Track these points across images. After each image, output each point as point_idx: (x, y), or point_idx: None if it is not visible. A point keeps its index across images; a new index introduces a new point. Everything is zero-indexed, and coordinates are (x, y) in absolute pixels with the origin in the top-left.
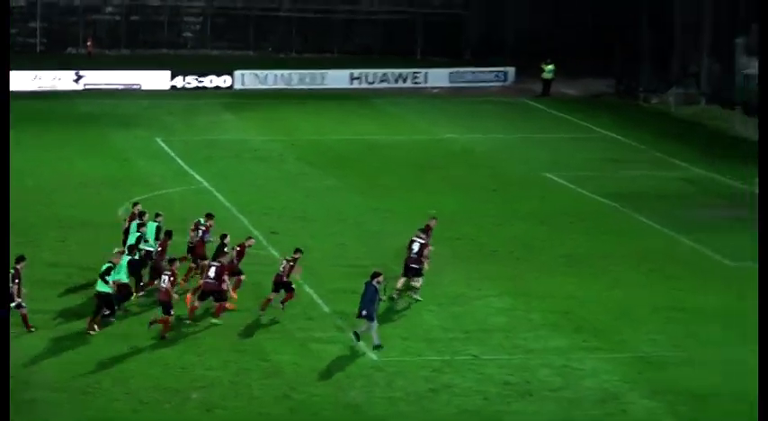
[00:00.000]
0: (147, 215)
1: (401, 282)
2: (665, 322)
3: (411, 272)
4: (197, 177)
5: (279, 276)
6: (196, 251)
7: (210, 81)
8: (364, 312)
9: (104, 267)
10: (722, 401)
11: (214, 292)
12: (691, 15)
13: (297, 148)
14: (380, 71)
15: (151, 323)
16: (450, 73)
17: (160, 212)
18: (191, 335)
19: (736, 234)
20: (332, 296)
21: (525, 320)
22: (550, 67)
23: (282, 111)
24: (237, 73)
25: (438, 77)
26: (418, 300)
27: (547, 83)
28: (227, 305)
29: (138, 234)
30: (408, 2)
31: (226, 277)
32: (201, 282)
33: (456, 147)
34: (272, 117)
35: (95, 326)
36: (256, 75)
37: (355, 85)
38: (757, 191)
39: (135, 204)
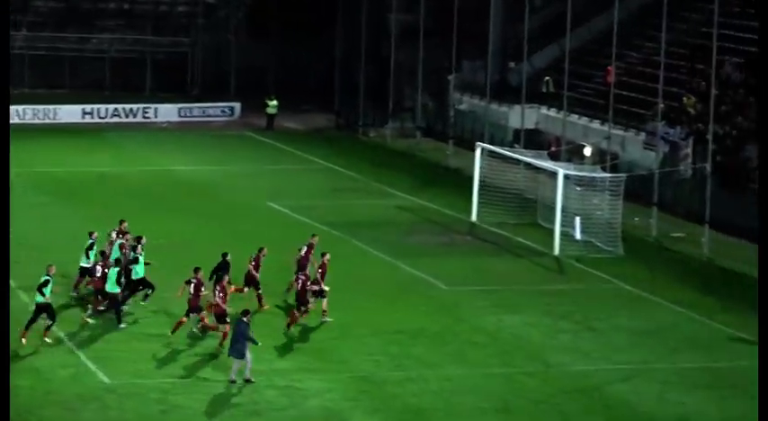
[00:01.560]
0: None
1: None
2: (386, 343)
3: (318, 294)
4: None
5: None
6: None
7: None
8: (237, 347)
9: (42, 279)
10: (437, 416)
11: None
12: (405, 54)
13: (31, 180)
14: (111, 106)
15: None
16: (180, 108)
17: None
18: None
19: (449, 259)
20: (65, 322)
21: (250, 344)
22: (274, 102)
23: (16, 145)
24: None
25: (167, 112)
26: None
27: (271, 117)
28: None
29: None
30: (136, 40)
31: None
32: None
33: (185, 177)
34: None
35: (24, 339)
36: None
37: (87, 119)
38: (470, 219)
39: (122, 222)
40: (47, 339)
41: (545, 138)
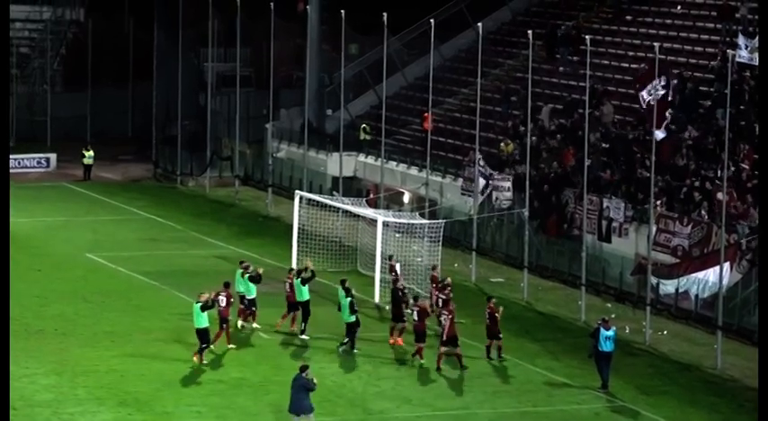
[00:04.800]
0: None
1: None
2: (207, 394)
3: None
4: None
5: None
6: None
7: None
8: (299, 405)
9: (200, 305)
10: None
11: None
12: (223, 102)
13: None
14: None
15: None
16: None
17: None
18: None
19: (270, 308)
20: None
21: (71, 396)
22: (90, 152)
23: None
24: None
25: None
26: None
27: (87, 168)
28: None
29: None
30: None
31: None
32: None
33: None
34: None
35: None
36: None
37: None
38: (290, 267)
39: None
40: (196, 359)
41: (363, 185)
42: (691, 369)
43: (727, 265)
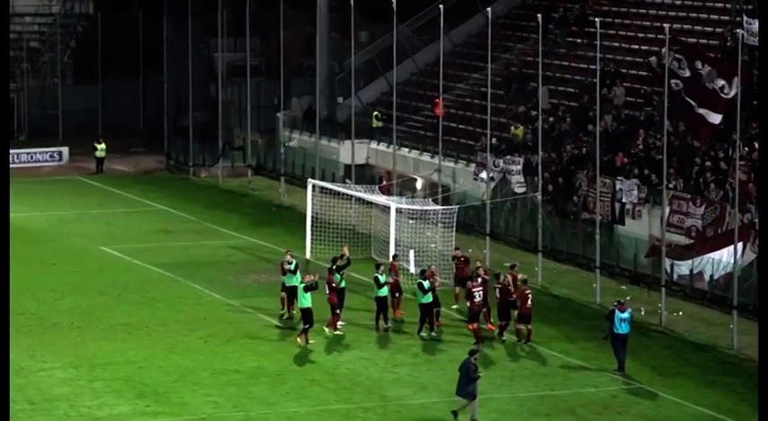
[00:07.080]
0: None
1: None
2: (224, 384)
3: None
4: None
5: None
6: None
7: None
8: (462, 388)
9: (304, 285)
10: None
11: None
12: (234, 92)
13: None
14: None
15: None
16: None
17: None
18: None
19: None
20: None
21: (89, 389)
22: (102, 145)
23: None
24: None
25: None
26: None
27: (100, 161)
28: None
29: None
30: None
31: None
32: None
33: (17, 224)
34: None
35: (300, 339)
36: None
37: None
38: (305, 256)
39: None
40: (299, 340)
41: (376, 172)
42: (707, 349)
43: (740, 245)
